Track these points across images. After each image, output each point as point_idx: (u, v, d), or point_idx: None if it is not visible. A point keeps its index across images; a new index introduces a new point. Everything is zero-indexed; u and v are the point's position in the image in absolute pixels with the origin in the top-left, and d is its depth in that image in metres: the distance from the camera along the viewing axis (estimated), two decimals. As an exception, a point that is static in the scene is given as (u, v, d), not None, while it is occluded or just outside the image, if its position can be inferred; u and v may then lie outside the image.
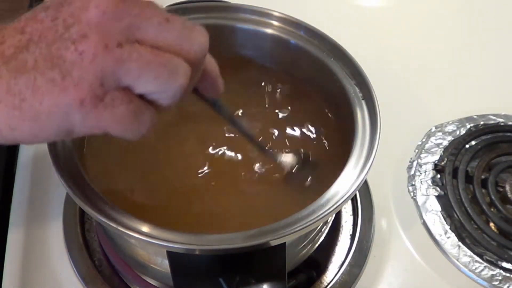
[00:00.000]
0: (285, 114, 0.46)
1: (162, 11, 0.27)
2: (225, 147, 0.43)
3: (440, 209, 0.52)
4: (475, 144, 0.56)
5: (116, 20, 0.25)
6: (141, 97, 0.26)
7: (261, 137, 0.44)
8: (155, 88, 0.26)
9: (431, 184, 0.53)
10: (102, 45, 0.24)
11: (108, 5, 0.25)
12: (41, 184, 0.51)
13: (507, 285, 0.47)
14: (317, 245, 0.46)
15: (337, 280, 0.47)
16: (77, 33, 0.24)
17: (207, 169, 0.42)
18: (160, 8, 0.27)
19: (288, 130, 0.45)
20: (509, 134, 0.57)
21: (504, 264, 0.48)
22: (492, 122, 0.59)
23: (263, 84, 0.48)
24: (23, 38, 0.25)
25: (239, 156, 0.43)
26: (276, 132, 0.45)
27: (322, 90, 0.46)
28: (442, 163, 0.55)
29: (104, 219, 0.32)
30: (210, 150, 0.43)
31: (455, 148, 0.56)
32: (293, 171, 0.42)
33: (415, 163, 0.55)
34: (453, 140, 0.57)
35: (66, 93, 0.24)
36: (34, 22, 0.25)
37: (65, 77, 0.24)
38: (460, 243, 0.49)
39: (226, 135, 0.44)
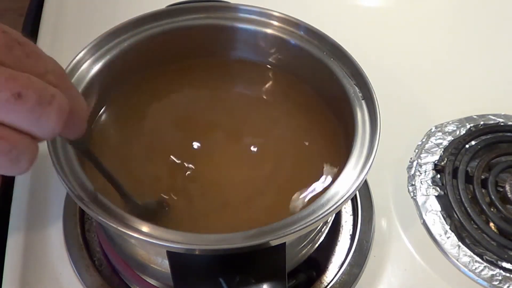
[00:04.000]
0: (284, 113, 0.46)
1: (19, 72, 0.23)
2: (226, 148, 0.43)
3: (440, 209, 0.52)
4: (475, 144, 0.56)
5: None
6: None
7: (261, 135, 0.44)
8: None
9: (431, 184, 0.53)
10: None
11: None
12: (41, 184, 0.51)
13: (507, 285, 0.47)
14: (317, 245, 0.46)
15: (337, 280, 0.47)
16: None
17: (208, 167, 0.42)
18: (25, 56, 0.24)
19: (288, 129, 0.45)
20: (509, 134, 0.57)
21: (504, 264, 0.48)
22: (492, 122, 0.59)
23: (262, 83, 0.48)
24: None
25: (242, 155, 0.43)
26: (275, 130, 0.45)
27: (322, 90, 0.46)
28: (442, 163, 0.55)
29: (104, 219, 0.32)
30: (210, 149, 0.43)
31: (455, 148, 0.56)
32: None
33: (415, 163, 0.55)
34: (453, 140, 0.57)
35: None
36: None
37: None
38: (460, 243, 0.49)
39: (226, 136, 0.44)
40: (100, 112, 0.43)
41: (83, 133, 0.29)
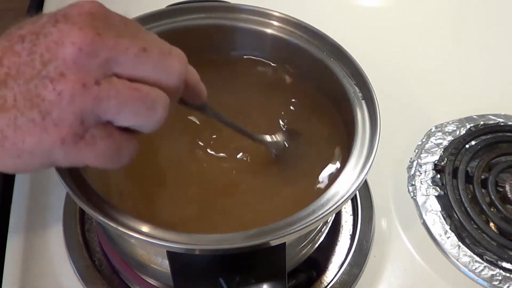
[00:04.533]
0: (284, 113, 0.46)
1: (139, 37, 0.27)
2: (226, 149, 0.43)
3: (440, 209, 0.52)
4: (475, 144, 0.56)
5: (93, 56, 0.25)
6: (122, 127, 0.27)
7: (261, 135, 0.44)
8: (134, 123, 0.27)
9: (431, 184, 0.53)
10: (80, 84, 0.24)
11: (84, 41, 0.25)
12: (41, 184, 0.51)
13: (507, 285, 0.47)
14: (317, 245, 0.46)
15: (337, 280, 0.47)
16: (54, 71, 0.24)
17: (209, 168, 0.42)
18: (137, 29, 0.27)
19: (288, 128, 0.45)
20: (509, 134, 0.57)
21: (504, 264, 0.48)
22: (492, 122, 0.59)
23: (262, 83, 0.48)
24: (1, 72, 0.25)
25: (240, 156, 0.43)
26: (275, 129, 0.45)
27: (322, 90, 0.46)
28: (442, 163, 0.55)
29: (104, 219, 0.32)
30: (210, 151, 0.43)
31: (455, 148, 0.56)
32: (285, 147, 0.43)
33: (415, 163, 0.55)
34: (453, 140, 0.57)
35: (47, 133, 0.25)
36: (12, 55, 0.25)
37: (45, 117, 0.24)
38: (460, 243, 0.49)
39: (227, 136, 0.44)
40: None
41: (205, 98, 0.33)
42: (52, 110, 0.24)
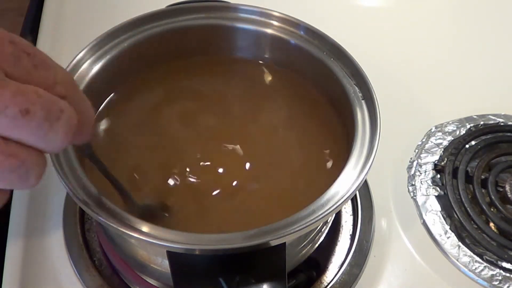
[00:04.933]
0: (284, 113, 0.46)
1: (33, 81, 0.23)
2: (230, 146, 0.43)
3: (440, 209, 0.52)
4: (475, 144, 0.56)
5: None
6: None
7: (260, 132, 0.44)
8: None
9: (431, 184, 0.53)
10: None
11: None
12: (42, 184, 0.51)
13: (507, 285, 0.47)
14: (317, 245, 0.46)
15: (337, 280, 0.47)
16: None
17: (209, 168, 0.42)
18: (35, 68, 0.24)
19: (288, 129, 0.45)
20: (509, 134, 0.57)
21: (504, 264, 0.48)
22: (492, 122, 0.59)
23: (261, 83, 0.48)
24: None
25: (245, 153, 0.43)
26: (275, 130, 0.45)
27: (321, 90, 0.46)
28: (442, 163, 0.55)
29: (104, 219, 0.32)
30: (211, 149, 0.43)
31: (455, 148, 0.56)
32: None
33: (415, 163, 0.55)
34: (453, 140, 0.57)
35: None
36: None
37: None
38: (460, 243, 0.49)
39: (226, 133, 0.44)
40: (99, 112, 0.43)
41: (88, 140, 0.28)
42: None
